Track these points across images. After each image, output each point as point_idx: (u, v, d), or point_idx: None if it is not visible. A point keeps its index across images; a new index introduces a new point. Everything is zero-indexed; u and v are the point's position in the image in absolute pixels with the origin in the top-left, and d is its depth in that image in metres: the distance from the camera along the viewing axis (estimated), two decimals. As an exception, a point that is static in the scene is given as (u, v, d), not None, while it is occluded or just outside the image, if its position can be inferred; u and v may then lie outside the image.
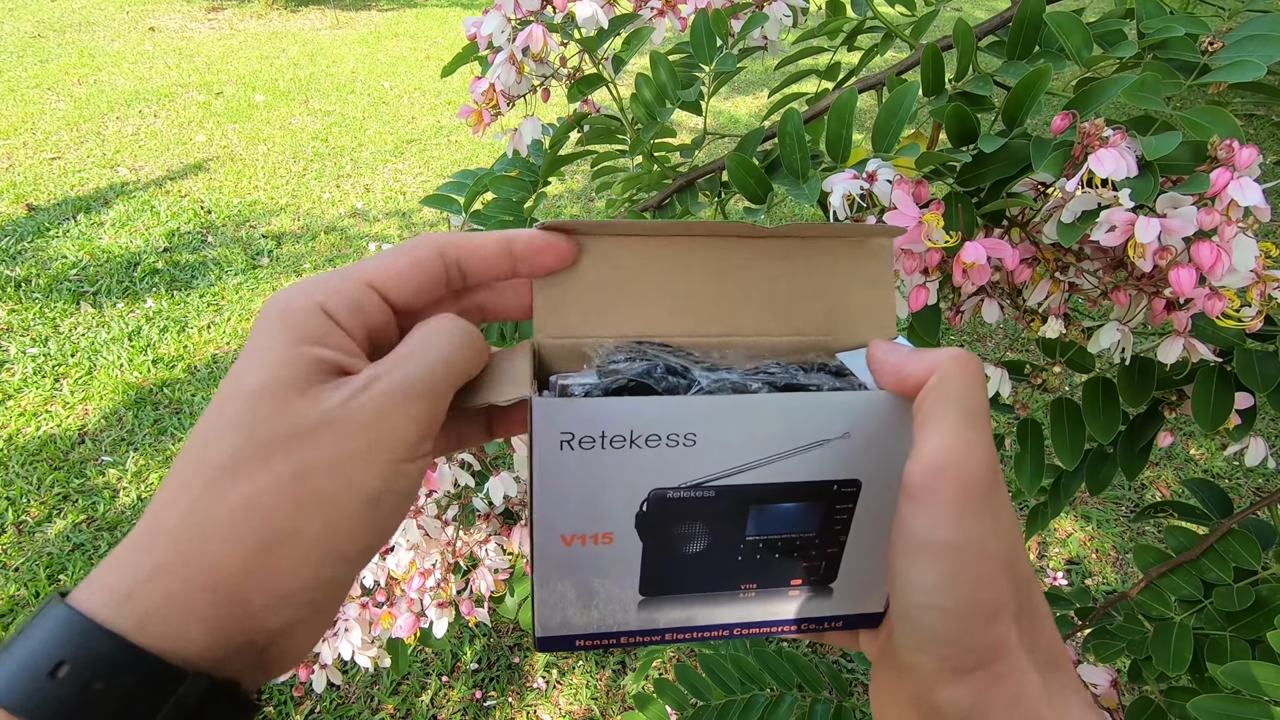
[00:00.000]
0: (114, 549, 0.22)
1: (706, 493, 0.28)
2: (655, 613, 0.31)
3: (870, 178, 0.50)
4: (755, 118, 4.14)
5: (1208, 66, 0.48)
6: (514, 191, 0.73)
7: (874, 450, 0.28)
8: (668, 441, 0.27)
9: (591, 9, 0.55)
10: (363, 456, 0.22)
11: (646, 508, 0.28)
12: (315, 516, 0.21)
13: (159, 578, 0.20)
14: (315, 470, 0.21)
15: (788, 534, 0.30)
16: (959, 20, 0.54)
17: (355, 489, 0.22)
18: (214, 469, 0.21)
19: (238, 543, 0.21)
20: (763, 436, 0.27)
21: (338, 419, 0.22)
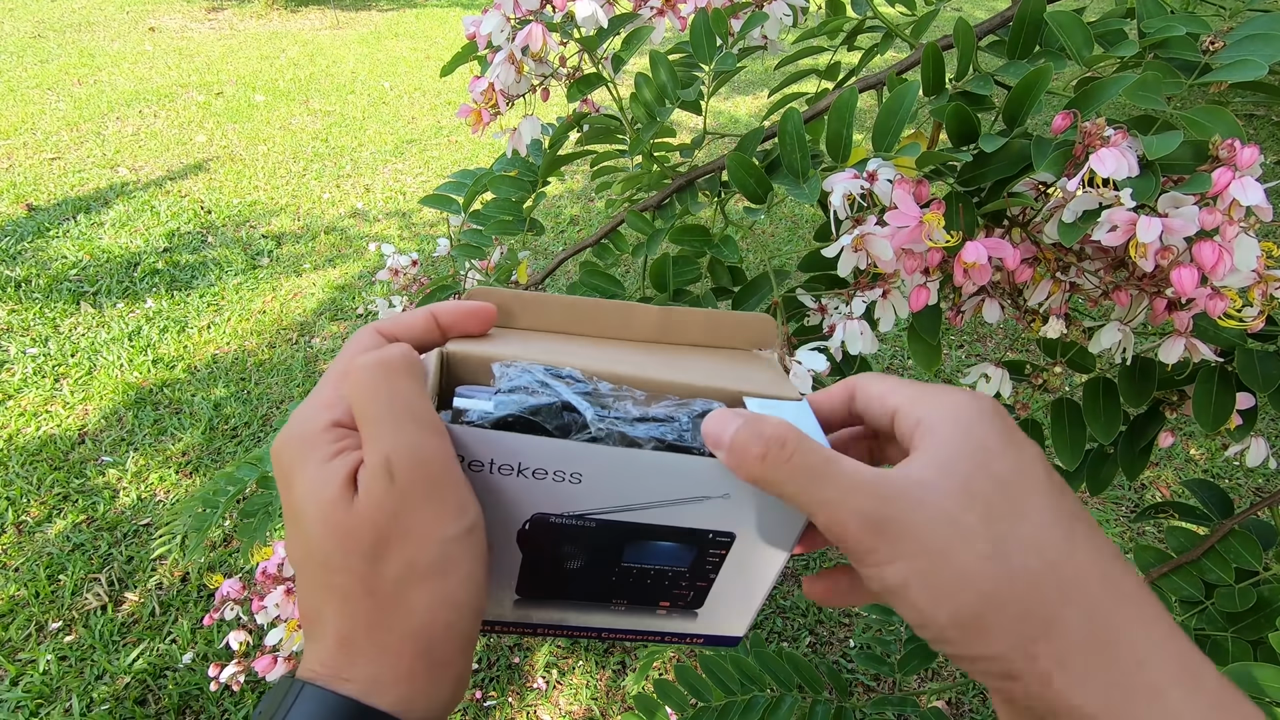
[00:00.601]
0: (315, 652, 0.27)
1: (588, 524, 0.30)
2: (530, 610, 0.33)
3: (871, 177, 0.49)
4: (755, 117, 4.13)
5: (1209, 66, 0.48)
6: (513, 191, 0.73)
7: (753, 509, 0.30)
8: (554, 477, 0.28)
9: (591, 8, 0.55)
10: (435, 518, 0.25)
11: (529, 528, 0.30)
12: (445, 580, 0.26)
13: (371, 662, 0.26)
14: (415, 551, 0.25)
15: (660, 566, 0.32)
16: (959, 20, 0.54)
17: (451, 541, 0.26)
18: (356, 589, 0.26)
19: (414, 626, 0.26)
20: (645, 488, 0.29)
21: (397, 509, 0.25)
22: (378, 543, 0.25)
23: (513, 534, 0.30)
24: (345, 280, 2.74)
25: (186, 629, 1.57)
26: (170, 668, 1.50)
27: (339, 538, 0.25)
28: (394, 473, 0.25)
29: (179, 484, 1.91)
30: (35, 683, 1.46)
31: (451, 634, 0.26)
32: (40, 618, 1.58)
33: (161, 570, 1.69)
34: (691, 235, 0.62)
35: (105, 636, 1.55)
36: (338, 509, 0.25)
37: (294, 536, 0.27)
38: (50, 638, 1.55)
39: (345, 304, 2.62)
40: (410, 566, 0.25)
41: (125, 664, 1.49)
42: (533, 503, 0.29)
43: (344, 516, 0.25)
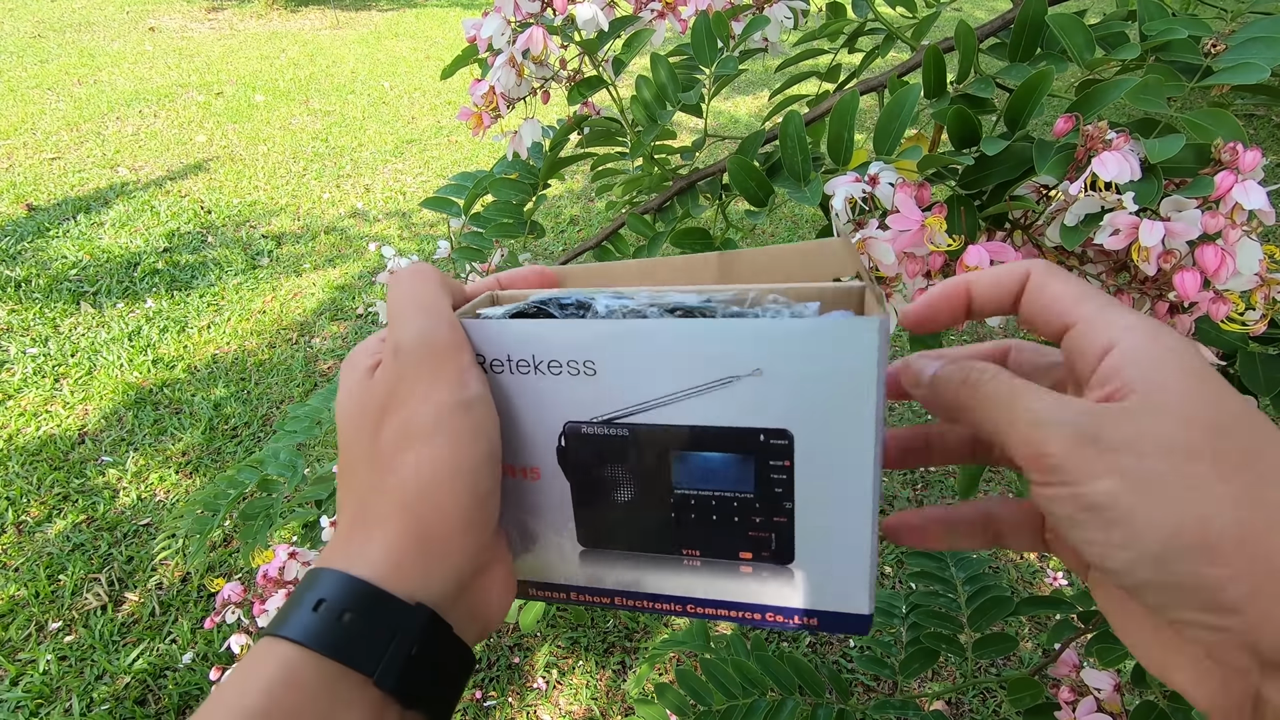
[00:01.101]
0: (332, 539, 0.28)
1: (620, 430, 0.27)
2: (599, 569, 0.30)
3: (872, 180, 0.49)
4: (756, 118, 4.13)
5: (1210, 69, 0.48)
6: (513, 194, 0.72)
7: (800, 394, 0.25)
8: (569, 369, 0.26)
9: (592, 11, 0.55)
10: (433, 384, 0.26)
11: (564, 442, 0.28)
12: (435, 443, 0.26)
13: (370, 540, 0.26)
14: (414, 412, 0.26)
15: (719, 490, 0.27)
16: (960, 22, 0.54)
17: (446, 406, 0.26)
18: (364, 455, 0.27)
19: (403, 494, 0.26)
20: (662, 369, 0.26)
21: (400, 375, 0.27)
22: (380, 411, 0.27)
23: (554, 455, 0.28)
24: (345, 280, 2.74)
25: (187, 629, 1.57)
26: (170, 668, 1.50)
27: (355, 415, 0.28)
28: (400, 350, 0.27)
29: (179, 484, 1.90)
30: (35, 683, 1.46)
31: (440, 506, 0.26)
32: (40, 618, 1.58)
33: (161, 570, 1.69)
34: (692, 238, 0.62)
35: (105, 636, 1.55)
36: (358, 389, 0.28)
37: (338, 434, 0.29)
38: (50, 638, 1.55)
39: (345, 304, 2.62)
40: (404, 428, 0.26)
41: (125, 664, 1.49)
42: (559, 408, 0.27)
43: (361, 393, 0.28)
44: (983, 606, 0.73)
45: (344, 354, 2.36)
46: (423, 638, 0.25)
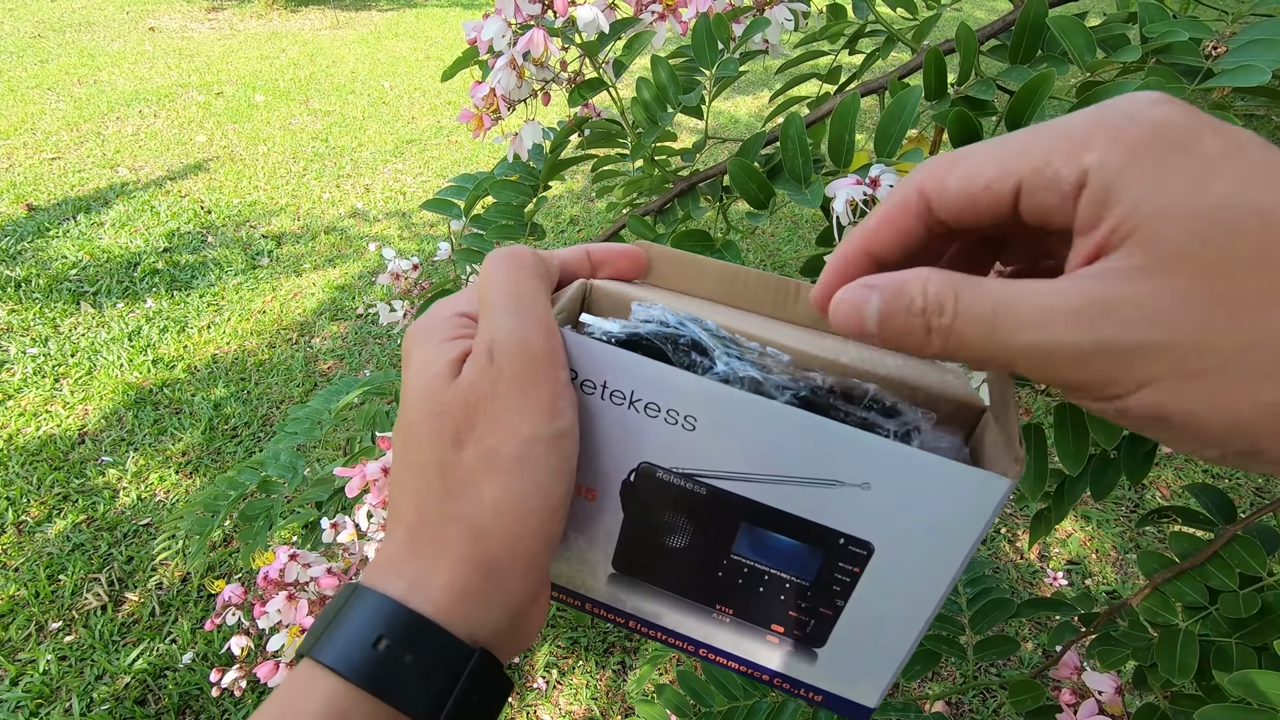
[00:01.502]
0: (378, 554, 0.26)
1: (697, 487, 0.26)
2: (623, 592, 0.30)
3: (873, 183, 0.49)
4: (756, 118, 4.13)
5: (1211, 71, 0.48)
6: (514, 196, 0.72)
7: (898, 517, 0.24)
8: (666, 417, 0.26)
9: (593, 13, 0.55)
10: (524, 409, 0.25)
11: (634, 478, 0.27)
12: (520, 478, 0.24)
13: (427, 564, 0.25)
14: (500, 440, 0.25)
15: (777, 570, 0.27)
16: (961, 24, 0.54)
17: (535, 440, 0.25)
18: (434, 469, 0.25)
19: (478, 524, 0.24)
20: (768, 450, 0.25)
21: (491, 391, 0.25)
22: (464, 424, 0.25)
23: (617, 484, 0.27)
24: (345, 280, 2.74)
25: (187, 629, 1.57)
26: (170, 668, 1.50)
27: (432, 415, 0.25)
28: (495, 355, 0.25)
29: (179, 484, 1.90)
30: (35, 683, 1.46)
31: (512, 543, 0.25)
32: (40, 618, 1.58)
33: (162, 570, 1.69)
34: (693, 240, 0.62)
35: (105, 636, 1.55)
36: (437, 385, 0.25)
37: (401, 416, 0.27)
38: (50, 638, 1.55)
39: (345, 304, 2.62)
40: (488, 455, 0.24)
41: (125, 664, 1.49)
42: (642, 447, 0.26)
43: (441, 391, 0.25)
44: (984, 609, 0.73)
45: (344, 354, 2.36)
46: (479, 681, 0.24)
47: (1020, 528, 1.78)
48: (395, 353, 2.41)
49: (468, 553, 0.24)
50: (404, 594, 0.24)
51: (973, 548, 0.24)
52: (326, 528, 0.58)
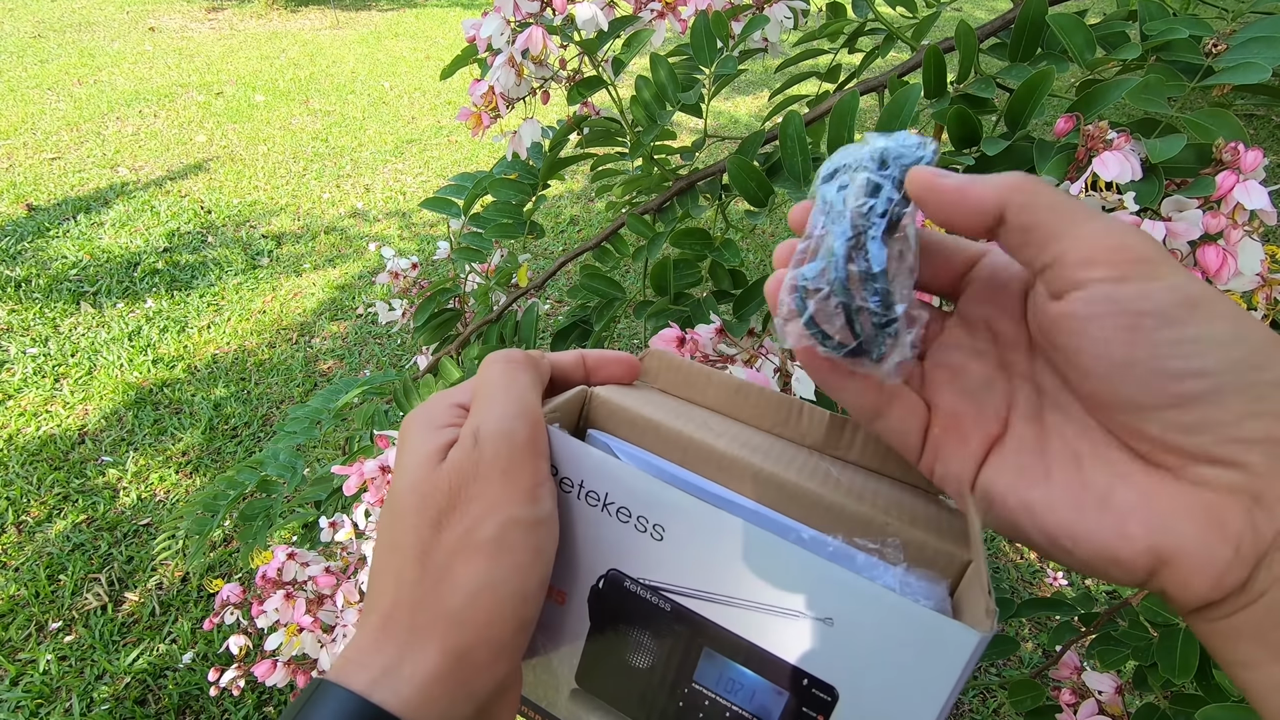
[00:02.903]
0: (353, 637, 0.26)
1: (662, 602, 0.26)
2: (583, 712, 0.29)
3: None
4: (755, 118, 4.13)
5: (1211, 69, 0.48)
6: (513, 194, 0.72)
7: (863, 661, 0.23)
8: (636, 524, 0.25)
9: (591, 11, 0.55)
10: (504, 494, 0.25)
11: (602, 585, 0.27)
12: (496, 561, 0.25)
13: (400, 651, 0.24)
14: (478, 521, 0.25)
15: (738, 705, 0.25)
16: (961, 22, 0.54)
17: (513, 524, 0.25)
18: (413, 550, 0.25)
19: (451, 608, 0.24)
20: (730, 569, 0.24)
21: (472, 473, 0.25)
22: (445, 505, 0.25)
23: (586, 589, 0.27)
24: (345, 280, 2.74)
25: (186, 629, 1.56)
26: (170, 668, 1.50)
27: (417, 497, 0.26)
28: (479, 439, 0.25)
29: (179, 484, 1.90)
30: (35, 683, 1.46)
31: (484, 628, 0.24)
32: (40, 618, 1.58)
33: (161, 570, 1.69)
34: (692, 238, 0.62)
35: (105, 636, 1.55)
36: (424, 468, 0.26)
37: (389, 498, 0.27)
38: (50, 638, 1.54)
39: (345, 304, 2.62)
40: (466, 536, 0.25)
41: (125, 664, 1.49)
42: (610, 551, 0.26)
43: (427, 474, 0.26)
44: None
45: (344, 354, 2.36)
46: None
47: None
48: (395, 352, 2.40)
49: (439, 639, 0.24)
50: (368, 686, 0.23)
51: (944, 708, 0.22)
52: (325, 527, 0.58)
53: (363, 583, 0.54)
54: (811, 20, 0.76)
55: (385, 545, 0.27)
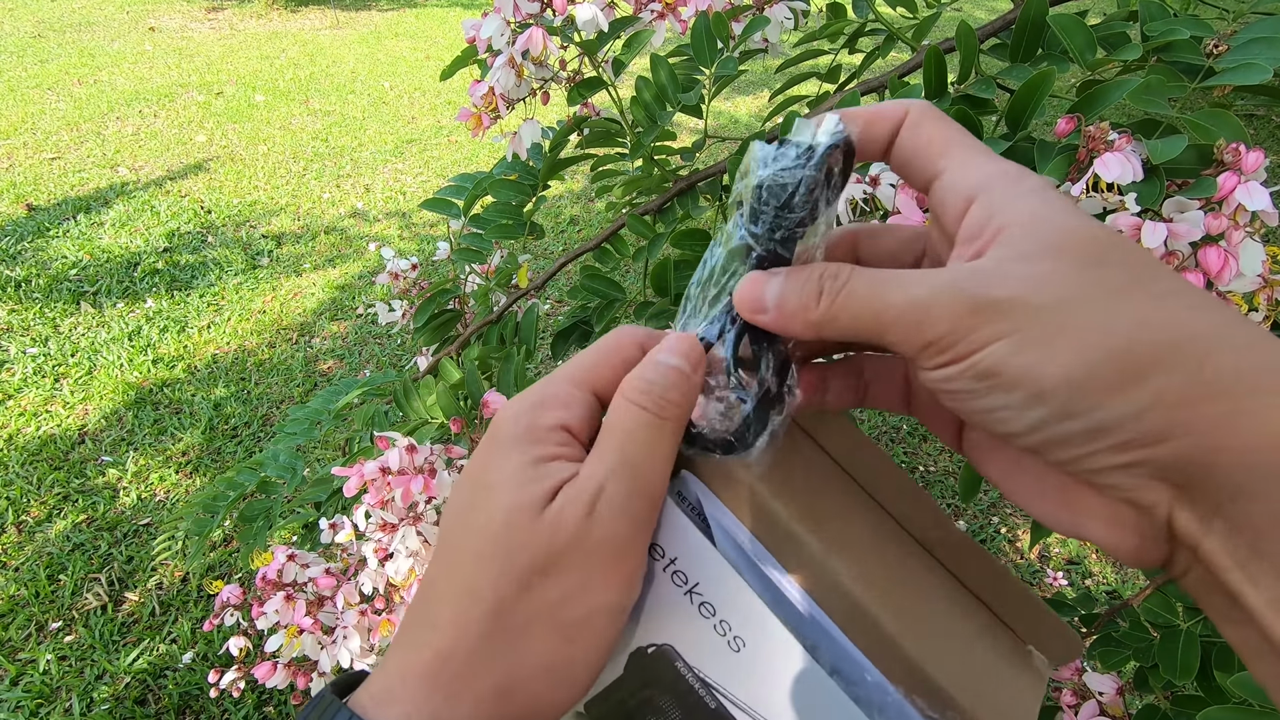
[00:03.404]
0: (393, 660, 0.24)
1: (709, 699, 0.25)
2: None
3: (873, 182, 0.49)
4: (756, 118, 4.13)
5: (1212, 69, 0.48)
6: (513, 195, 0.72)
7: None
8: (717, 626, 0.24)
9: (592, 12, 0.55)
10: (605, 576, 0.23)
11: (650, 652, 0.26)
12: (575, 645, 0.23)
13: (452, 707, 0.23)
14: (569, 598, 0.23)
15: None
16: (961, 22, 0.54)
17: (603, 611, 0.24)
18: (488, 601, 0.23)
19: (517, 679, 0.23)
20: (791, 711, 0.24)
21: (579, 542, 0.23)
22: (539, 568, 0.23)
23: (632, 645, 0.26)
24: (345, 280, 2.74)
25: (186, 629, 1.56)
26: (170, 668, 1.50)
27: (509, 542, 0.23)
28: (597, 511, 0.23)
29: (179, 484, 1.90)
30: (35, 683, 1.46)
31: (543, 706, 0.24)
32: (40, 618, 1.58)
33: (161, 570, 1.69)
34: (693, 239, 0.62)
35: (105, 636, 1.55)
36: (523, 514, 0.23)
37: (465, 504, 0.25)
38: (50, 638, 1.54)
39: (345, 304, 2.62)
40: (552, 610, 0.23)
41: (125, 664, 1.49)
42: (676, 632, 0.25)
43: (525, 523, 0.23)
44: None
45: (344, 354, 2.36)
46: None
47: (1020, 528, 1.78)
48: (395, 352, 2.40)
49: (493, 706, 0.23)
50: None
51: None
52: (325, 528, 0.58)
53: (363, 584, 0.54)
54: (811, 21, 0.76)
55: (453, 571, 0.24)
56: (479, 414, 0.59)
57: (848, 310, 0.22)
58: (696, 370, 0.25)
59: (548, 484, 0.23)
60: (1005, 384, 0.20)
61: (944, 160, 0.23)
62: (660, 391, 0.24)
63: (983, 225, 0.21)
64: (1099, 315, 0.19)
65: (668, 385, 0.24)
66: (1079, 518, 0.22)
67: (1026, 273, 0.20)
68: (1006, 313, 0.20)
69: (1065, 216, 0.21)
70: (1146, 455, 0.19)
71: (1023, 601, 0.28)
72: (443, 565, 0.25)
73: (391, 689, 0.23)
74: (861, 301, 0.22)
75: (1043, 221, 0.20)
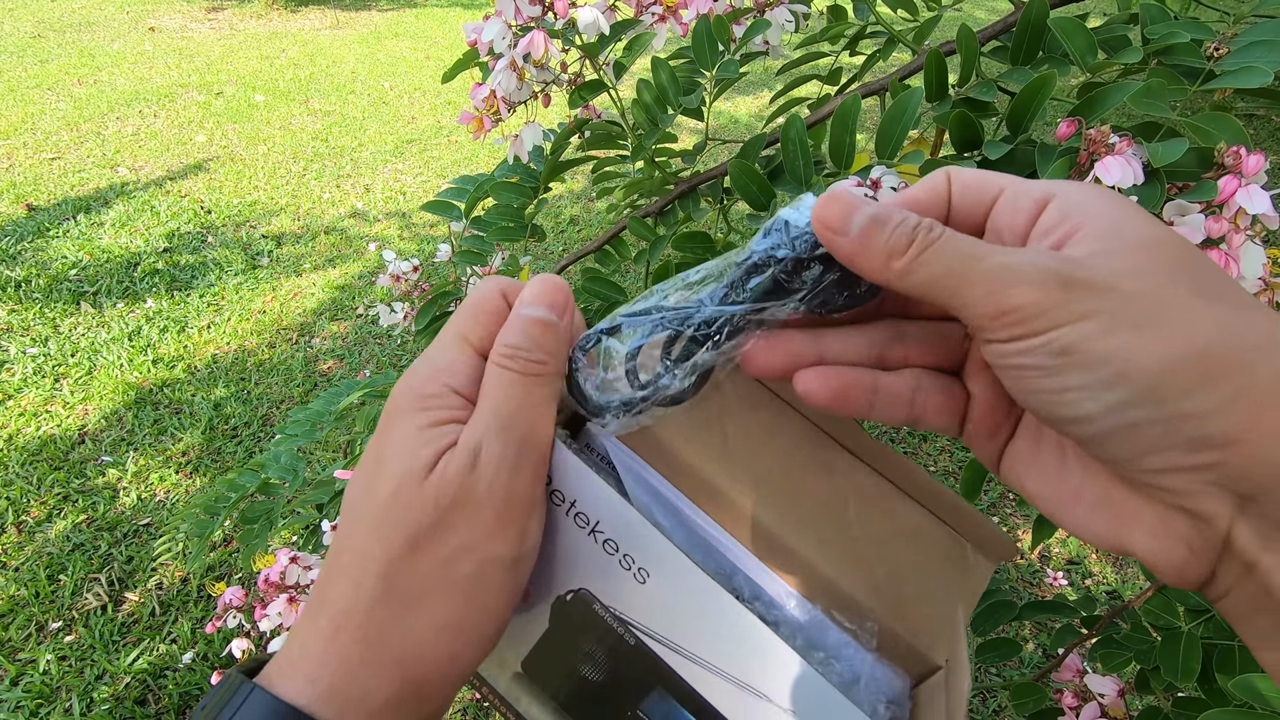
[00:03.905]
0: (294, 634, 0.24)
1: (628, 635, 0.26)
2: (523, 694, 0.29)
3: (874, 185, 0.49)
4: (756, 118, 4.13)
5: (1213, 72, 0.48)
6: (514, 197, 0.72)
7: None
8: (621, 560, 0.25)
9: (593, 15, 0.55)
10: (492, 530, 0.23)
11: (570, 598, 0.26)
12: (469, 601, 0.23)
13: (351, 669, 0.23)
14: (458, 554, 0.23)
15: None
16: (962, 25, 0.54)
17: (495, 563, 0.24)
18: (379, 564, 0.23)
19: (414, 641, 0.23)
20: (709, 635, 0.24)
21: (463, 499, 0.23)
22: (425, 526, 0.23)
23: (551, 595, 0.27)
24: (345, 280, 2.74)
25: (187, 629, 1.56)
26: (170, 668, 1.50)
27: (396, 505, 0.23)
28: (479, 464, 0.23)
29: (179, 484, 1.90)
30: (35, 683, 1.46)
31: (447, 664, 0.24)
32: (40, 618, 1.58)
33: (161, 570, 1.69)
34: (694, 242, 0.62)
35: (105, 636, 1.55)
36: (411, 475, 0.23)
37: (362, 479, 0.25)
38: (50, 638, 1.54)
39: (345, 304, 2.62)
40: (443, 568, 0.23)
41: (125, 664, 1.49)
42: (587, 574, 0.26)
43: (412, 484, 0.23)
44: (986, 611, 0.72)
45: (344, 354, 2.36)
46: None
47: (1021, 528, 1.78)
48: (396, 352, 2.40)
49: (396, 669, 0.23)
50: (313, 702, 0.22)
51: None
52: (327, 530, 0.58)
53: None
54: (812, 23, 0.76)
55: (348, 541, 0.24)
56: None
57: (934, 265, 0.22)
58: (564, 313, 0.25)
59: (434, 448, 0.24)
60: (1087, 362, 0.20)
61: (1002, 181, 0.23)
62: (525, 353, 0.24)
63: (1061, 220, 0.22)
64: (1187, 313, 0.19)
65: (531, 344, 0.24)
66: (1124, 528, 0.22)
67: (1117, 265, 0.20)
68: (1101, 294, 0.20)
69: (1145, 221, 0.21)
70: (1218, 458, 0.19)
71: (954, 506, 0.28)
72: (340, 538, 0.25)
73: (293, 660, 0.24)
74: (949, 260, 0.21)
75: (1125, 222, 0.21)
